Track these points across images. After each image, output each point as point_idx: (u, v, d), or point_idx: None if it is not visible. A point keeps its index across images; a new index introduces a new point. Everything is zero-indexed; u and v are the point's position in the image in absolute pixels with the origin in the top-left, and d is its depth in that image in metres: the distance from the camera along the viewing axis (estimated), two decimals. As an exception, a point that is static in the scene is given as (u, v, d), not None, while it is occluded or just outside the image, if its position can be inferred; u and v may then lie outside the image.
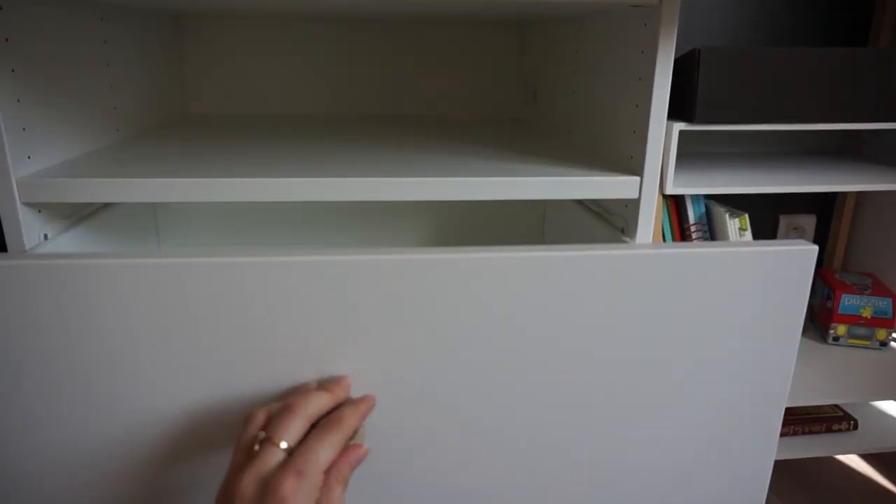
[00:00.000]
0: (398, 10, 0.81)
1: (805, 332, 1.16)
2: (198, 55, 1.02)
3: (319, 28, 1.04)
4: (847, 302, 1.08)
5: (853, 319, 1.09)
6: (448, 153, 0.74)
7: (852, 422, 1.02)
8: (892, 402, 1.10)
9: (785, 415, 1.02)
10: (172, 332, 0.50)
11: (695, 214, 1.01)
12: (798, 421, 1.00)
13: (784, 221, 1.30)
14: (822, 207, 1.31)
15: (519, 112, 1.10)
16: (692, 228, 1.02)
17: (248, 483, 0.40)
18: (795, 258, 0.55)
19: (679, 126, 0.88)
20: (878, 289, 1.09)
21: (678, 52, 1.16)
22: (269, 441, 0.42)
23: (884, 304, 1.07)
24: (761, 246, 0.55)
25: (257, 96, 1.05)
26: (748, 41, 1.18)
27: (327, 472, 0.42)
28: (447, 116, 1.10)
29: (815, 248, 0.55)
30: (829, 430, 1.01)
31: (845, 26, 1.20)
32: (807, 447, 0.98)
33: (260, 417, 0.45)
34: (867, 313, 1.08)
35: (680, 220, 1.02)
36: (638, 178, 0.63)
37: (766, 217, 1.30)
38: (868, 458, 1.18)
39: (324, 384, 0.49)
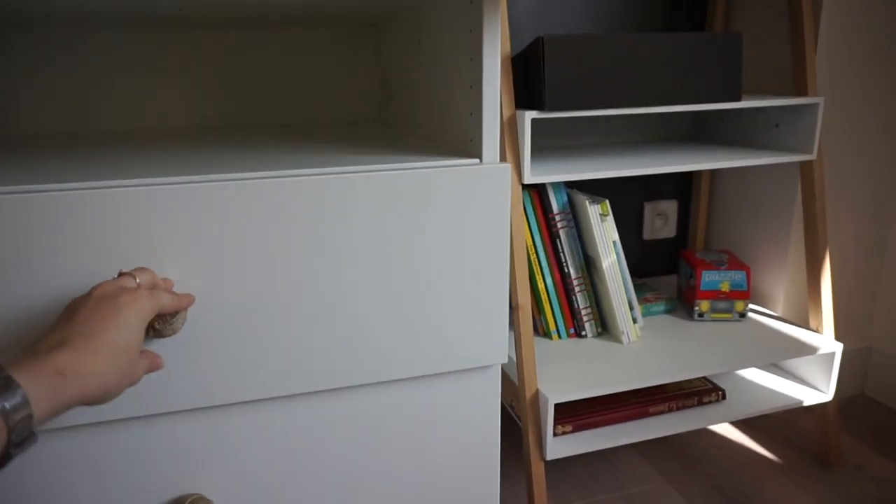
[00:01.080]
0: (230, 10, 0.75)
1: (674, 311, 1.20)
2: (22, 67, 0.92)
3: (162, 36, 0.96)
4: (707, 278, 1.13)
5: (714, 294, 1.14)
6: (286, 152, 0.69)
7: (720, 392, 1.05)
8: (753, 370, 1.16)
9: (659, 393, 1.04)
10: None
11: (558, 204, 1.02)
12: (672, 397, 1.03)
13: (648, 207, 1.35)
14: (682, 193, 1.37)
15: (380, 112, 1.08)
16: (557, 218, 1.02)
17: (101, 288, 0.48)
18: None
19: (531, 114, 0.88)
20: (733, 263, 1.14)
21: (525, 44, 1.18)
22: (128, 274, 0.50)
23: (739, 277, 1.12)
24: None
25: (89, 111, 0.96)
26: (593, 31, 1.22)
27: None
28: (305, 122, 1.05)
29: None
30: (700, 403, 1.05)
31: (683, 15, 1.26)
32: (682, 422, 1.01)
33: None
34: (725, 287, 1.13)
35: (544, 211, 1.03)
36: (477, 160, 0.62)
37: (632, 205, 1.34)
38: (738, 424, 1.23)
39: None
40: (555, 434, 0.97)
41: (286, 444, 0.63)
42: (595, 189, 1.30)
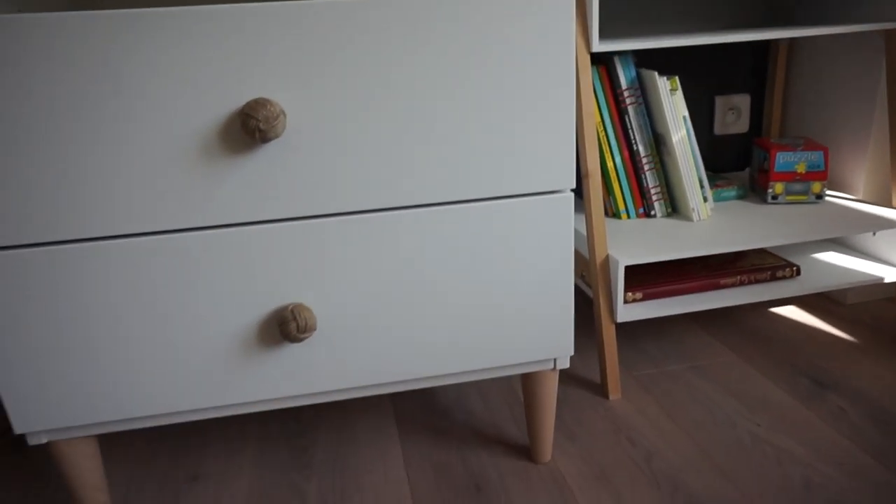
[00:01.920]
0: None
1: (747, 197, 1.18)
2: None
3: None
4: (782, 160, 1.11)
5: (789, 176, 1.11)
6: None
7: (795, 267, 1.04)
8: (832, 252, 1.14)
9: (731, 266, 1.04)
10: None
11: (626, 79, 1.02)
12: (745, 271, 1.03)
13: (720, 101, 1.33)
14: (755, 86, 1.34)
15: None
16: (625, 93, 1.03)
17: None
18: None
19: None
20: (810, 145, 1.11)
21: None
22: None
23: (816, 157, 1.10)
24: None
25: None
26: (667, -82, 1.19)
27: None
28: None
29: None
30: (774, 278, 1.04)
31: None
32: (755, 294, 1.00)
33: None
34: (801, 168, 1.11)
35: (612, 87, 1.03)
36: (548, -19, 0.64)
37: (702, 99, 1.32)
38: (814, 310, 1.21)
39: None
40: (625, 301, 0.99)
41: (383, 257, 0.68)
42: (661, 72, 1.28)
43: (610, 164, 1.06)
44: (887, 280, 1.03)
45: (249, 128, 0.59)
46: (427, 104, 0.64)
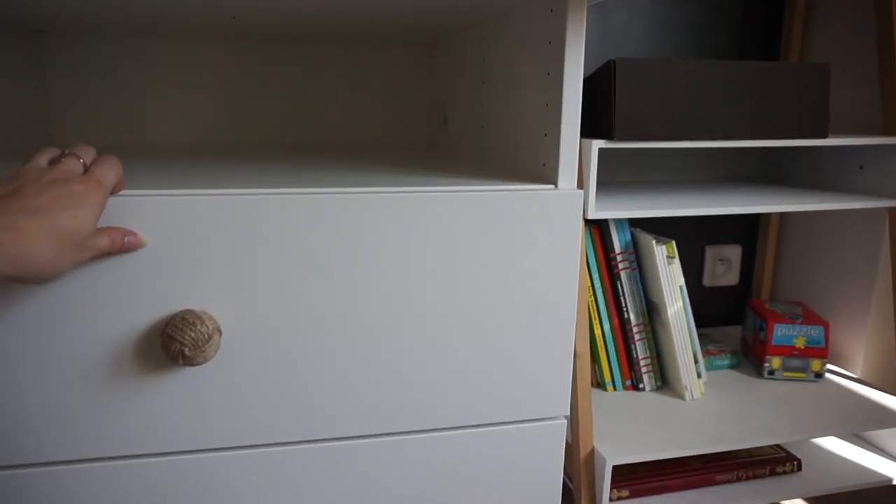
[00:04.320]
0: (298, 25, 0.70)
1: (740, 366, 1.09)
2: (65, 77, 0.88)
3: (210, 48, 0.92)
4: (780, 332, 1.02)
5: (787, 350, 1.03)
6: (343, 171, 0.63)
7: (796, 462, 0.94)
8: (833, 438, 1.04)
9: (727, 458, 0.93)
10: None
11: (620, 243, 0.94)
12: (742, 465, 0.92)
13: (710, 252, 1.26)
14: (747, 237, 1.28)
15: (433, 137, 1.01)
16: (619, 258, 0.94)
17: (53, 173, 0.44)
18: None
19: (598, 144, 0.80)
20: (809, 317, 1.03)
21: (591, 70, 1.11)
22: (72, 155, 0.46)
23: (816, 332, 1.02)
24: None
25: (135, 123, 0.91)
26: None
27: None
28: (355, 144, 1.00)
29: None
30: (773, 474, 0.93)
31: (755, 44, 1.19)
32: (753, 494, 0.90)
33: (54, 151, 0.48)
34: (800, 343, 1.02)
35: (605, 250, 0.95)
36: (552, 186, 0.54)
37: (693, 249, 1.25)
38: (815, 500, 1.10)
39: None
40: (611, 499, 0.87)
41: (340, 493, 0.55)
42: (654, 230, 1.21)
43: (598, 332, 0.96)
44: (896, 482, 0.93)
45: (172, 352, 0.46)
46: (408, 313, 0.52)
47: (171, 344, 0.46)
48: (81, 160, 0.46)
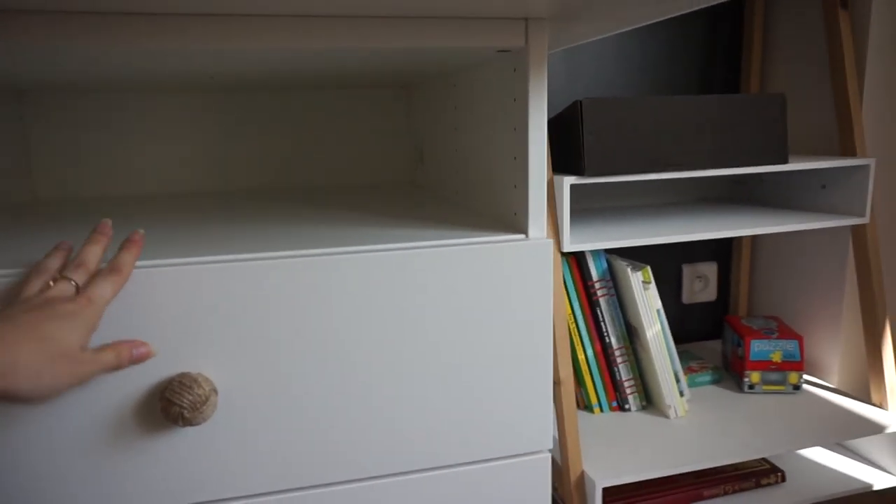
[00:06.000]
0: (272, 75, 0.74)
1: (722, 381, 1.12)
2: (45, 133, 0.91)
3: (189, 98, 0.95)
4: (757, 348, 1.06)
5: (764, 365, 1.07)
6: (321, 225, 0.66)
7: (780, 473, 0.97)
8: (815, 448, 1.07)
9: (713, 473, 0.96)
10: None
11: (597, 271, 0.97)
12: (728, 479, 0.95)
13: (687, 270, 1.30)
14: (722, 255, 1.32)
15: (411, 174, 1.05)
16: (597, 285, 0.97)
17: (36, 303, 0.43)
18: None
19: (570, 180, 0.84)
20: (784, 332, 1.07)
21: (561, 109, 1.16)
22: (63, 278, 0.46)
23: (791, 346, 1.06)
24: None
25: (120, 176, 0.94)
26: (628, 94, 1.20)
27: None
28: (337, 184, 1.03)
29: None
30: (758, 486, 0.96)
31: (717, 74, 1.24)
32: (739, 507, 0.93)
33: (53, 264, 0.48)
34: (777, 357, 1.06)
35: (583, 278, 0.98)
36: (522, 236, 0.58)
37: (669, 267, 1.29)
38: None
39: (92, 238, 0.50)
40: (602, 521, 0.89)
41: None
42: (631, 252, 1.25)
43: (581, 357, 0.99)
44: (876, 487, 0.96)
45: (172, 415, 0.49)
46: (390, 364, 0.55)
47: (171, 408, 0.49)
48: (73, 282, 0.46)
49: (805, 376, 1.15)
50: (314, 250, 0.53)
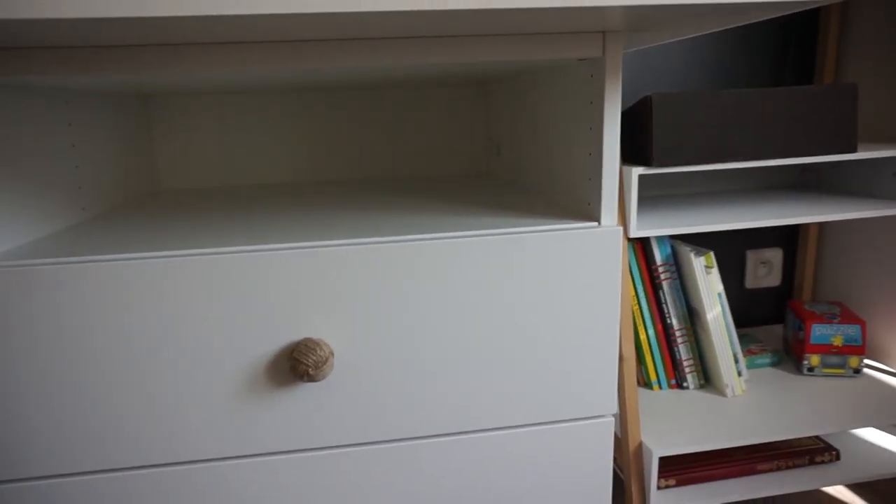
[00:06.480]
0: (364, 78, 0.83)
1: (781, 364, 1.16)
2: (168, 131, 1.04)
3: (288, 99, 1.06)
4: (818, 332, 1.10)
5: (825, 349, 1.10)
6: (414, 213, 0.75)
7: (834, 452, 1.01)
8: (870, 429, 1.11)
9: (768, 450, 1.02)
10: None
11: (661, 255, 1.03)
12: (781, 455, 1.00)
13: (751, 255, 1.33)
14: (788, 240, 1.34)
15: (488, 166, 1.13)
16: (660, 269, 1.03)
17: None
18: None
19: (638, 170, 0.90)
20: (847, 317, 1.10)
21: (633, 99, 1.20)
22: None
23: (853, 331, 1.08)
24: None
25: (231, 168, 1.06)
26: (699, 86, 1.23)
27: None
28: (420, 175, 1.12)
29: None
30: (812, 463, 1.01)
31: (791, 68, 1.25)
32: (793, 481, 0.98)
33: None
34: (838, 341, 1.09)
35: (647, 263, 1.04)
36: (595, 224, 0.65)
37: (734, 253, 1.33)
38: (855, 487, 1.17)
39: None
40: (658, 488, 0.96)
41: (414, 482, 0.67)
42: (698, 238, 1.29)
43: (643, 336, 1.05)
44: (932, 470, 0.99)
45: (299, 372, 0.59)
46: (475, 336, 0.64)
47: (298, 366, 0.59)
48: None
49: (867, 361, 1.18)
50: (412, 236, 0.61)
